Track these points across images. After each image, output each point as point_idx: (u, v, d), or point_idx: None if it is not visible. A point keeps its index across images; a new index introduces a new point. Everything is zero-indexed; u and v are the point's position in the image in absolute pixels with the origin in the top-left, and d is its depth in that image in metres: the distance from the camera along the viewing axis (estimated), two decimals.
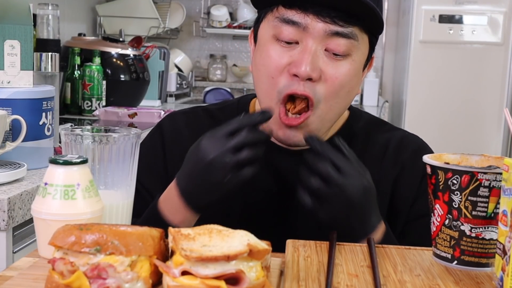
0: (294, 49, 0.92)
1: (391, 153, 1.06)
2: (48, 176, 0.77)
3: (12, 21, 1.44)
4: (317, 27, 0.91)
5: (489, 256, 0.76)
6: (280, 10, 0.93)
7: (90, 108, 2.61)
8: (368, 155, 1.05)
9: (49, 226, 0.75)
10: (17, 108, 1.41)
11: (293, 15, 0.91)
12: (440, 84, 3.23)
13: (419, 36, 3.22)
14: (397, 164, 1.05)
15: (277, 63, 0.93)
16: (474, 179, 0.74)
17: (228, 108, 1.11)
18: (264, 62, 0.95)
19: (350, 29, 0.91)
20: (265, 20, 0.96)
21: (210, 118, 1.09)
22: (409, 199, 1.04)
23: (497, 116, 3.21)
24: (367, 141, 1.06)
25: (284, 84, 0.92)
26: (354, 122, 1.08)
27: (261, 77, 0.96)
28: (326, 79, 0.92)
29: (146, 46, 3.08)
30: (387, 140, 1.07)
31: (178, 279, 0.63)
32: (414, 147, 1.08)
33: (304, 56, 0.91)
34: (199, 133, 1.06)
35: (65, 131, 0.85)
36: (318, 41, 0.91)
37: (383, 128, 1.10)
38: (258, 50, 0.98)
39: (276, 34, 0.93)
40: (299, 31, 0.91)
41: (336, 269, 0.76)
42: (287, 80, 0.92)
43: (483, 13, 3.17)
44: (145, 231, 0.69)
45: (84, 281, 0.64)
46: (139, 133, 0.87)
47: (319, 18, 0.90)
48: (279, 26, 0.93)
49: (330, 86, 0.93)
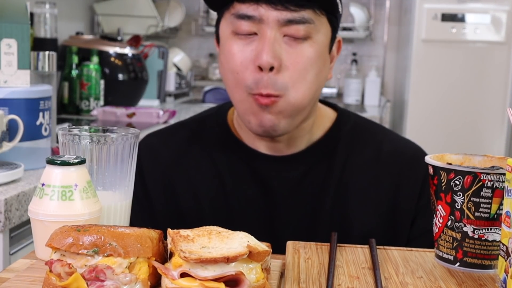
0: (254, 41, 0.93)
1: (386, 159, 1.04)
2: (45, 177, 0.77)
3: (9, 20, 1.43)
4: (271, 16, 0.91)
5: (492, 258, 0.76)
6: (235, 6, 0.94)
7: (87, 108, 2.60)
8: (357, 159, 1.03)
9: (46, 228, 0.74)
10: (14, 108, 1.40)
11: (247, 9, 0.92)
12: (443, 83, 3.22)
13: (421, 35, 3.21)
14: (393, 171, 1.03)
15: (240, 58, 0.94)
16: (477, 179, 0.74)
17: (207, 119, 1.09)
18: (228, 59, 0.95)
19: (303, 13, 0.92)
20: (223, 19, 0.97)
21: (188, 132, 1.08)
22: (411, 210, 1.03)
23: (500, 116, 3.20)
24: (355, 144, 1.04)
25: (251, 81, 0.93)
26: (341, 124, 1.06)
27: (227, 74, 0.96)
28: (288, 65, 0.92)
29: (145, 45, 3.07)
30: (379, 143, 1.05)
31: (177, 281, 0.62)
32: (411, 154, 1.06)
33: (264, 46, 0.91)
34: (178, 149, 1.05)
35: (62, 131, 0.84)
36: (276, 29, 0.92)
37: (373, 130, 1.08)
38: (221, 49, 0.99)
39: (234, 30, 0.94)
40: (255, 23, 0.92)
41: (337, 271, 0.76)
42: (253, 75, 0.92)
43: (486, 11, 3.16)
44: (143, 233, 0.68)
45: (82, 283, 0.63)
46: (138, 133, 0.87)
47: (271, 7, 0.91)
48: (236, 22, 0.94)
49: (293, 71, 0.93)
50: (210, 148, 1.04)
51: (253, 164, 1.02)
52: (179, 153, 1.06)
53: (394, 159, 1.04)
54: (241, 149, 1.03)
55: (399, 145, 1.07)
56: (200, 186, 1.03)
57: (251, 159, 1.02)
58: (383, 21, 3.83)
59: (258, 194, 1.01)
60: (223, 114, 1.08)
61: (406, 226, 1.02)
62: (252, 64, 0.92)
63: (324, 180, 1.01)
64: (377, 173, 1.03)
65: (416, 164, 1.03)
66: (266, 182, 1.01)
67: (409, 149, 1.08)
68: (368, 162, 1.03)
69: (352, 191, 1.01)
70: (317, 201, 1.00)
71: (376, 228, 1.00)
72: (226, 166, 1.02)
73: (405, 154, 1.05)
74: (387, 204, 1.02)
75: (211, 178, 1.03)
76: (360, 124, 1.08)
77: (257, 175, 1.01)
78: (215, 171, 1.03)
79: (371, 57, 3.85)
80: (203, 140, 1.06)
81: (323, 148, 1.03)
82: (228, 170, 1.02)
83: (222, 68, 0.98)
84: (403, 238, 1.02)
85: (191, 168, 1.04)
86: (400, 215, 1.02)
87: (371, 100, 3.67)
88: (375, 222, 1.01)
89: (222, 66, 0.98)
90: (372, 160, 1.04)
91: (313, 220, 1.00)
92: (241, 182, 1.01)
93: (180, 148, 1.06)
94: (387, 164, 1.03)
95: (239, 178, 1.02)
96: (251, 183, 1.01)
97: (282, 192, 1.01)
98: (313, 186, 1.01)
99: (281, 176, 1.01)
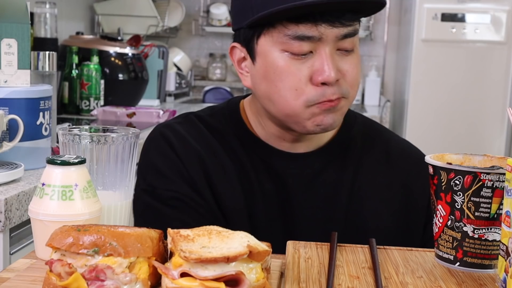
0: (309, 59, 0.93)
1: (395, 159, 1.07)
2: (46, 177, 0.77)
3: (9, 20, 1.43)
4: (330, 34, 0.92)
5: (492, 258, 0.76)
6: (288, 26, 0.92)
7: (88, 108, 2.60)
8: (369, 158, 1.06)
9: (46, 227, 0.74)
10: (14, 108, 1.40)
11: (306, 30, 0.91)
12: (443, 83, 3.22)
13: (421, 34, 3.21)
14: (403, 170, 1.07)
15: (297, 77, 0.93)
16: (477, 179, 0.74)
17: (218, 114, 1.08)
18: (281, 78, 0.94)
19: (354, 26, 0.94)
20: (268, 36, 0.94)
21: (206, 125, 1.07)
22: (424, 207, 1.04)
23: (500, 116, 3.20)
24: (365, 144, 1.07)
25: (314, 94, 0.94)
26: (350, 125, 1.08)
27: (279, 91, 0.95)
28: (345, 75, 0.95)
29: (145, 45, 3.07)
30: (386, 143, 1.09)
31: (177, 281, 0.62)
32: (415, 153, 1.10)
33: (325, 63, 0.92)
34: (201, 138, 1.04)
35: (62, 131, 0.84)
36: (331, 46, 0.93)
37: (378, 129, 1.12)
38: (266, 64, 0.96)
39: (286, 49, 0.93)
40: (313, 42, 0.92)
41: (337, 271, 0.76)
42: (315, 90, 0.93)
43: (486, 11, 3.16)
44: (143, 232, 0.68)
45: (82, 283, 0.63)
46: (138, 133, 0.87)
47: (331, 25, 0.91)
48: (292, 42, 0.92)
49: (351, 78, 0.96)
50: (230, 142, 1.04)
51: (268, 160, 1.03)
52: (204, 142, 1.04)
53: (402, 159, 1.08)
54: (257, 145, 1.03)
55: (404, 146, 1.12)
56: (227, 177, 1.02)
57: (267, 155, 1.03)
58: (383, 21, 3.83)
59: (274, 190, 1.02)
60: (235, 109, 1.08)
61: (420, 223, 1.05)
62: (311, 81, 0.93)
63: (337, 178, 1.03)
64: (387, 172, 1.06)
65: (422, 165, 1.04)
66: (281, 178, 1.02)
67: (412, 149, 1.12)
68: (378, 161, 1.06)
69: (365, 189, 1.03)
70: (331, 199, 1.02)
71: (391, 226, 1.03)
72: (247, 160, 1.02)
73: (410, 154, 1.10)
74: (399, 203, 1.05)
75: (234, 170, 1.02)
76: (367, 123, 1.11)
77: (273, 171, 1.02)
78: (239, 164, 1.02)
79: (371, 57, 3.85)
80: (221, 134, 1.05)
81: (335, 147, 1.05)
82: (249, 164, 1.02)
83: (269, 85, 0.96)
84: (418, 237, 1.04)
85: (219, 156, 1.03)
86: (414, 213, 1.05)
87: (371, 100, 3.68)
88: (390, 220, 1.03)
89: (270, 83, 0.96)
90: (382, 159, 1.07)
91: (327, 217, 1.02)
92: (260, 177, 1.02)
93: (204, 138, 1.04)
94: (395, 163, 1.07)
95: (258, 173, 1.02)
96: (268, 179, 1.02)
97: (296, 188, 1.02)
98: (326, 184, 1.03)
99: (296, 173, 1.02)
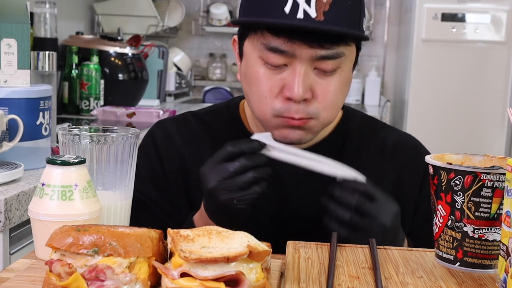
0: (283, 71, 0.92)
1: (389, 153, 1.07)
2: (45, 177, 0.77)
3: (9, 20, 1.43)
4: (304, 53, 0.90)
5: (492, 258, 0.76)
6: (265, 36, 0.91)
7: (88, 108, 2.60)
8: (365, 155, 1.06)
9: (46, 227, 0.74)
10: (14, 108, 1.40)
11: (280, 44, 0.90)
12: (443, 83, 3.22)
13: (422, 34, 3.21)
14: (396, 164, 1.07)
15: (268, 86, 0.93)
16: (477, 179, 0.74)
17: (218, 111, 1.10)
18: (255, 82, 0.94)
19: (337, 49, 0.91)
20: (250, 40, 0.95)
21: (200, 123, 1.09)
22: (413, 199, 1.06)
23: (501, 116, 3.20)
24: (362, 141, 1.07)
25: (280, 107, 0.93)
26: (348, 122, 1.08)
27: (252, 93, 0.96)
28: (318, 95, 0.93)
29: (145, 45, 3.07)
30: (383, 139, 1.09)
31: (177, 281, 0.62)
32: (412, 146, 1.10)
33: (295, 79, 0.90)
34: (190, 138, 1.06)
35: (62, 131, 0.84)
36: (307, 64, 0.91)
37: (377, 127, 1.12)
38: (246, 65, 0.97)
39: (262, 57, 0.93)
40: (286, 57, 0.91)
41: (337, 271, 0.76)
42: (282, 103, 0.92)
43: (486, 11, 3.16)
44: (143, 233, 0.68)
45: (82, 283, 0.63)
46: (138, 133, 0.87)
47: (306, 45, 0.89)
48: (266, 52, 0.92)
49: (323, 101, 0.93)
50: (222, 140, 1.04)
51: None
52: (192, 143, 1.07)
53: (396, 152, 1.08)
54: None
55: (400, 139, 1.11)
56: None
57: None
58: (383, 21, 3.83)
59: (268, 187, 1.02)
60: (234, 108, 1.09)
61: (409, 216, 1.05)
62: (281, 93, 0.92)
63: None
64: (382, 167, 1.06)
65: (416, 156, 1.06)
66: (276, 175, 1.02)
67: (409, 141, 1.12)
68: (374, 157, 1.07)
69: None
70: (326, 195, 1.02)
71: None
72: None
73: (405, 146, 1.09)
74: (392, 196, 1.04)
75: None
76: (365, 121, 1.11)
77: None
78: None
79: (371, 57, 3.85)
80: (216, 132, 1.07)
81: (332, 143, 1.05)
82: None
83: (246, 83, 0.97)
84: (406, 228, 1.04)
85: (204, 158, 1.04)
86: (404, 205, 1.04)
87: (371, 100, 3.68)
88: None
89: (247, 82, 0.96)
90: (378, 155, 1.07)
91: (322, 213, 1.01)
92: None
93: (193, 138, 1.07)
94: (390, 157, 1.07)
95: None
96: None
97: (292, 185, 1.02)
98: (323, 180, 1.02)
99: (291, 169, 1.02)
